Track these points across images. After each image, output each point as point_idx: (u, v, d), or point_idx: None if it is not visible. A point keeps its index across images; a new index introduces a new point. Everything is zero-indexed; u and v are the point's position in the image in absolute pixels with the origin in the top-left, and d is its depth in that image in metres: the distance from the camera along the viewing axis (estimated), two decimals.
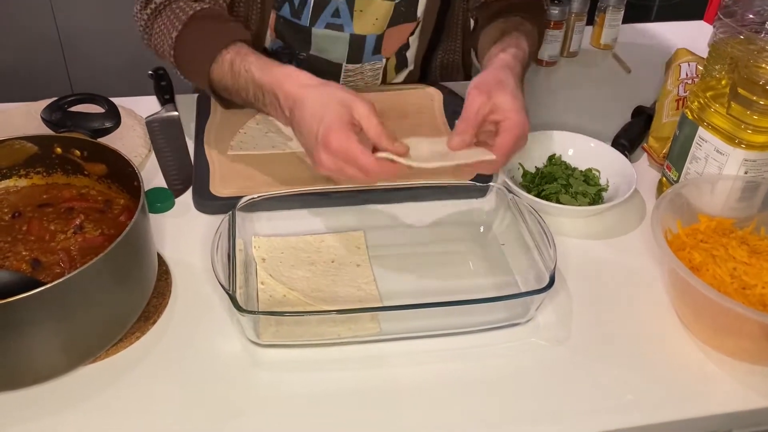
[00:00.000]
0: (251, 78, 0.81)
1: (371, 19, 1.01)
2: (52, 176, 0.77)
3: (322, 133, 0.71)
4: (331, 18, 1.00)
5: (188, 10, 0.88)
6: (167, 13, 0.89)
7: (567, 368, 0.69)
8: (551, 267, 0.71)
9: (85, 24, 2.16)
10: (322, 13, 0.99)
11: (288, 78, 0.77)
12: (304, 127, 0.74)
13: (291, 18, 1.00)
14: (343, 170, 0.71)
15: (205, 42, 0.86)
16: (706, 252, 0.73)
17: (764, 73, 0.76)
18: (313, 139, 0.72)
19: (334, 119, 0.71)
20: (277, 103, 0.78)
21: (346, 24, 1.00)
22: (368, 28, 1.02)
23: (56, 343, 0.62)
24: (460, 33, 1.14)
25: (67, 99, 0.78)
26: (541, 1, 1.05)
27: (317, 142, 0.71)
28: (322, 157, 0.71)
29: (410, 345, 0.70)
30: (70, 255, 0.69)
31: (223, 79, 0.84)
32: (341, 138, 0.70)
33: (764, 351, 0.68)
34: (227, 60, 0.83)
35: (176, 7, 0.89)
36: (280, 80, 0.77)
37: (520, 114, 0.76)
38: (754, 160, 0.78)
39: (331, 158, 0.71)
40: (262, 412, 0.63)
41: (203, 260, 0.77)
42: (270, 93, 0.79)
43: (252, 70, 0.81)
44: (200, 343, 0.69)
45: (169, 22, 0.88)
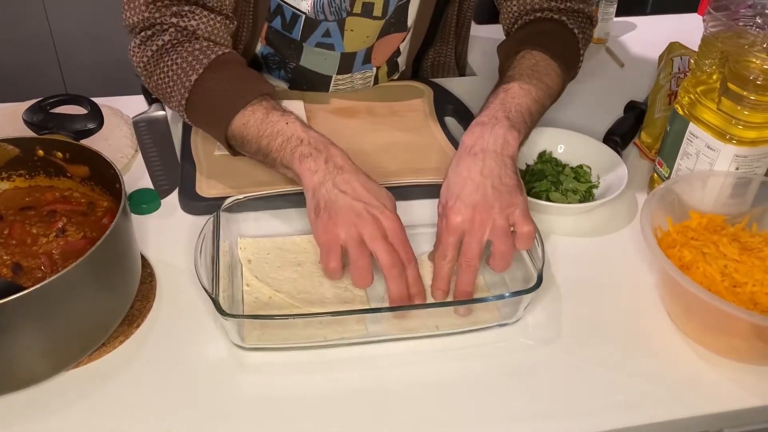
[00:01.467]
0: (292, 130, 0.77)
1: (362, 37, 0.99)
2: (35, 179, 0.76)
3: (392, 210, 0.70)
4: (321, 38, 0.98)
5: (210, 53, 0.84)
6: (182, 54, 0.84)
7: (556, 368, 0.68)
8: (539, 266, 0.70)
9: (77, 24, 2.15)
10: (312, 32, 0.97)
11: (338, 148, 0.76)
12: (357, 191, 0.71)
13: (282, 30, 0.99)
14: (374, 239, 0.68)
15: (233, 91, 0.81)
16: (696, 250, 0.73)
17: (755, 68, 0.75)
18: (375, 205, 0.70)
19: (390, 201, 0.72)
20: (315, 155, 0.74)
21: (337, 44, 0.99)
22: (358, 46, 1.00)
23: (38, 348, 0.61)
24: (453, 38, 1.13)
25: (49, 100, 0.77)
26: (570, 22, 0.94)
27: (382, 213, 0.69)
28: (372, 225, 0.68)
29: (398, 346, 0.69)
30: (52, 259, 0.68)
31: (245, 125, 0.80)
32: (398, 218, 0.70)
33: (755, 349, 0.68)
34: (262, 109, 0.80)
35: (192, 48, 0.84)
36: (329, 143, 0.76)
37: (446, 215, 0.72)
38: (745, 156, 0.77)
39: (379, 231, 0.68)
40: (248, 416, 0.63)
41: (188, 262, 0.76)
42: (311, 146, 0.75)
43: (296, 125, 0.78)
44: (185, 346, 0.69)
45: (186, 63, 0.83)
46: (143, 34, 0.86)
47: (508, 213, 0.71)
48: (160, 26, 0.86)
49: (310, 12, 0.94)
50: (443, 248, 0.71)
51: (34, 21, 2.16)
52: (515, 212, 0.71)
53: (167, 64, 0.84)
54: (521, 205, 0.72)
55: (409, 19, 1.01)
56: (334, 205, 0.70)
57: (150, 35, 0.86)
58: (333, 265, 0.70)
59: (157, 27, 0.86)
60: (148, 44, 0.86)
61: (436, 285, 0.72)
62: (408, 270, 0.69)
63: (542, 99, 0.85)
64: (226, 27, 0.89)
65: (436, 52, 1.14)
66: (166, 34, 0.85)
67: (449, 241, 0.71)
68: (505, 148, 0.76)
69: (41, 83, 2.24)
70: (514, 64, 0.89)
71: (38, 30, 2.18)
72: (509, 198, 0.72)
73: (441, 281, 0.72)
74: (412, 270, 0.69)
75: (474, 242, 0.70)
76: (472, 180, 0.73)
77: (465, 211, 0.71)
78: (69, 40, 2.21)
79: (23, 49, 2.21)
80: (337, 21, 0.96)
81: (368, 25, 0.97)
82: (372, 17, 0.96)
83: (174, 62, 0.84)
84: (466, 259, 0.70)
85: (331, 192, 0.71)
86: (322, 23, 0.96)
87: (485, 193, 0.71)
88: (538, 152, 0.94)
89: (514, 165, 0.76)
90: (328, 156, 0.74)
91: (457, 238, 0.71)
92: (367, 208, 0.69)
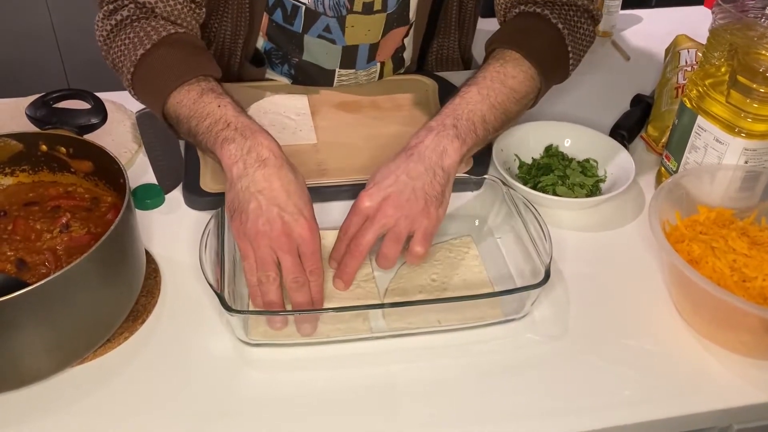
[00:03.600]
0: (222, 114, 0.74)
1: (363, 31, 0.98)
2: (38, 174, 0.76)
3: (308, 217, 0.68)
4: (322, 32, 0.97)
5: (162, 31, 0.82)
6: (135, 30, 0.83)
7: (563, 364, 0.68)
8: (546, 261, 0.69)
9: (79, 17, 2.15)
10: (314, 24, 0.96)
11: (267, 135, 0.72)
12: (274, 191, 0.67)
13: (283, 23, 0.98)
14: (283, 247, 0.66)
15: (174, 68, 0.79)
16: (705, 244, 0.72)
17: (764, 60, 0.75)
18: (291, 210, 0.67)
19: (308, 205, 0.69)
20: (240, 142, 0.70)
21: (338, 38, 0.98)
22: (361, 39, 0.99)
23: (42, 344, 0.61)
24: (456, 30, 1.11)
25: (52, 95, 0.76)
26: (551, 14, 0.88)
27: (294, 219, 0.67)
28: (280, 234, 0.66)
29: (403, 342, 0.69)
30: (56, 255, 0.67)
31: (179, 104, 0.77)
32: (313, 224, 0.68)
33: (764, 345, 0.67)
34: (196, 90, 0.77)
35: (147, 25, 0.83)
36: (258, 130, 0.72)
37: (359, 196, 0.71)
38: (755, 150, 0.77)
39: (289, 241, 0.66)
40: (253, 412, 0.62)
41: (193, 257, 0.75)
42: (237, 131, 0.71)
43: (227, 109, 0.75)
44: (190, 342, 0.68)
45: (137, 38, 0.82)
46: (106, 9, 0.87)
47: (413, 222, 0.70)
48: (121, 1, 0.86)
49: (310, 3, 0.94)
50: (345, 225, 0.72)
51: (35, 15, 2.16)
52: (420, 227, 0.70)
53: (122, 39, 0.84)
54: (429, 223, 0.71)
55: (411, 11, 1.00)
56: (248, 206, 0.67)
57: (112, 10, 0.86)
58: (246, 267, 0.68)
59: (118, 2, 0.86)
60: (109, 19, 0.86)
61: (331, 256, 0.74)
62: (311, 281, 0.68)
63: (504, 104, 0.80)
64: (190, 11, 0.88)
65: (439, 45, 1.13)
66: (125, 10, 0.85)
67: (352, 220, 0.72)
68: (442, 158, 0.73)
69: (43, 78, 2.24)
70: (482, 65, 0.85)
71: (40, 24, 2.17)
72: (423, 209, 0.70)
73: (335, 252, 0.74)
74: (315, 281, 0.68)
75: (369, 231, 0.70)
76: (396, 176, 0.72)
77: (376, 198, 0.71)
78: (71, 34, 2.21)
79: (25, 44, 2.20)
80: (337, 18, 0.95)
81: (370, 20, 0.96)
82: (373, 12, 0.95)
83: (127, 37, 0.83)
84: (355, 243, 0.70)
85: (246, 191, 0.68)
86: (321, 17, 0.95)
87: (401, 192, 0.70)
88: (544, 146, 0.93)
89: (444, 178, 0.73)
90: (252, 144, 0.70)
91: (360, 220, 0.71)
92: (281, 213, 0.67)
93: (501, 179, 0.82)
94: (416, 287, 0.74)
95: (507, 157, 0.90)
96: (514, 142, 0.91)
